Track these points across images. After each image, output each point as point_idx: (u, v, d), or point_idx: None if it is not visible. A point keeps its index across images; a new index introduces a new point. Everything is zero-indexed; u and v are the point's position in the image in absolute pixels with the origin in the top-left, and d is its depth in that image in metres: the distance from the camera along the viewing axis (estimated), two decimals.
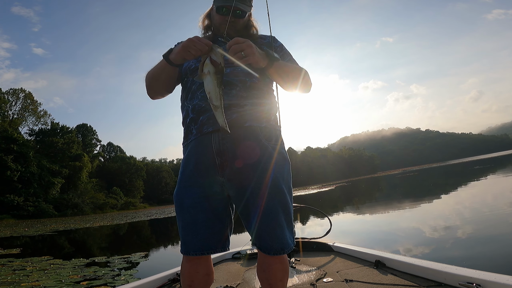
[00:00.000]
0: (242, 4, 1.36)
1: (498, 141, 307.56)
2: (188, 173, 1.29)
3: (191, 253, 1.28)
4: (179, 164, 1.48)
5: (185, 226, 1.29)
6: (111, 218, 28.27)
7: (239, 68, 1.31)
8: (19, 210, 40.53)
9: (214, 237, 1.28)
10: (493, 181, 14.41)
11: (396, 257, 2.31)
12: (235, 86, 1.31)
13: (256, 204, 1.24)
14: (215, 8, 1.39)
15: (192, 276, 1.32)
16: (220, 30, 1.39)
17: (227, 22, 1.34)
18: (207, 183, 1.27)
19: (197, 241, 1.27)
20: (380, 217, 8.40)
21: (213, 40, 1.33)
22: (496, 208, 6.89)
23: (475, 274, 1.67)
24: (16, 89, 55.93)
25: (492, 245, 4.09)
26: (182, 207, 1.29)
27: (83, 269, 5.22)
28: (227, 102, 1.25)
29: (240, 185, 1.26)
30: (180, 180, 1.31)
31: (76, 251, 8.39)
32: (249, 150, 1.26)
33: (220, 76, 1.11)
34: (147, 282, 2.31)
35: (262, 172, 1.25)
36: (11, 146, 43.35)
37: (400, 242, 5.12)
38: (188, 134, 1.34)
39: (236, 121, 1.26)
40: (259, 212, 1.24)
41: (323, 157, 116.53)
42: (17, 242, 12.00)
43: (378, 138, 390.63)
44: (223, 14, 1.37)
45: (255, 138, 1.28)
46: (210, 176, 1.27)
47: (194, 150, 1.30)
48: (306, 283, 2.24)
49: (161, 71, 1.33)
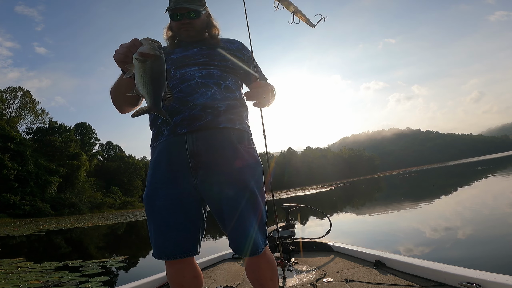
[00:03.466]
0: (191, 4, 1.38)
1: (499, 142, 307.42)
2: (160, 174, 1.27)
3: (163, 257, 1.26)
4: None
5: (157, 229, 1.26)
6: (106, 218, 27.92)
7: (214, 71, 1.35)
8: (15, 209, 40.14)
9: (187, 240, 1.26)
10: (493, 182, 14.43)
11: (396, 257, 2.31)
12: (210, 88, 1.32)
13: (229, 205, 1.24)
14: (169, 16, 1.43)
15: (180, 281, 1.29)
16: (182, 35, 1.44)
17: (184, 26, 1.40)
18: (179, 184, 1.26)
19: (169, 245, 1.24)
20: (380, 218, 8.36)
21: (181, 45, 1.43)
22: (496, 208, 6.88)
23: (475, 274, 1.67)
24: (14, 87, 55.60)
25: (492, 245, 4.06)
26: (153, 210, 1.27)
27: (50, 273, 4.84)
28: (202, 103, 1.27)
29: (213, 187, 1.25)
30: (151, 182, 1.29)
31: (54, 253, 8.03)
32: (223, 152, 1.26)
33: (147, 64, 1.08)
34: (146, 282, 2.32)
35: (235, 174, 1.25)
36: (8, 145, 42.99)
37: (400, 243, 5.06)
38: (159, 135, 1.31)
39: (211, 122, 1.27)
40: (232, 214, 1.23)
41: (323, 157, 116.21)
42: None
43: (378, 139, 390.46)
44: (178, 20, 1.41)
45: (228, 140, 1.28)
46: (183, 177, 1.26)
47: (166, 151, 1.28)
48: (306, 283, 2.23)
49: (119, 82, 1.30)
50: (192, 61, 1.37)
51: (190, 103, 1.27)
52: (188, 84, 1.30)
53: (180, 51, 1.41)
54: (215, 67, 1.37)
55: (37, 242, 11.91)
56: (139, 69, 1.09)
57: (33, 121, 57.18)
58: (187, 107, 1.27)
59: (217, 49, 1.42)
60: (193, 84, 1.30)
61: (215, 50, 1.42)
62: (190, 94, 1.29)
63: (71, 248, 9.41)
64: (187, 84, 1.30)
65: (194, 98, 1.28)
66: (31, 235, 14.50)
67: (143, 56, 1.08)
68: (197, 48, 1.41)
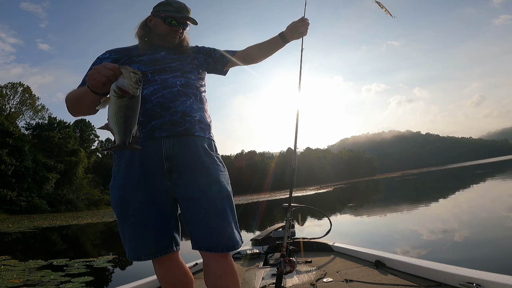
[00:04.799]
0: (189, 15, 1.49)
1: (498, 146, 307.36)
2: (134, 176, 1.29)
3: (143, 258, 1.30)
4: None
5: (134, 231, 1.28)
6: (102, 215, 27.76)
7: (192, 81, 1.45)
8: (12, 205, 39.97)
9: (164, 238, 1.31)
10: (492, 185, 14.41)
11: (396, 257, 2.31)
12: (189, 97, 1.40)
13: (207, 206, 1.28)
14: (163, 18, 1.46)
15: (171, 280, 1.34)
16: (165, 39, 1.49)
17: (174, 33, 1.47)
18: (154, 186, 1.29)
19: (148, 245, 1.28)
20: (378, 219, 8.34)
21: (152, 48, 1.48)
22: (495, 211, 6.88)
23: (475, 274, 1.67)
24: (15, 83, 55.42)
25: (492, 246, 4.06)
26: (128, 213, 1.28)
27: (32, 272, 4.68)
28: (182, 110, 1.34)
29: (188, 188, 1.30)
30: (124, 184, 1.29)
31: (43, 251, 7.87)
32: (198, 157, 1.33)
33: (123, 101, 1.07)
34: (147, 282, 2.34)
35: (211, 176, 1.32)
36: (7, 140, 42.80)
37: (398, 244, 5.05)
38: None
39: (188, 129, 1.34)
40: (210, 213, 1.28)
41: (323, 158, 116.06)
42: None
43: (378, 141, 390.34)
44: (172, 26, 1.47)
45: (202, 147, 1.36)
46: (157, 179, 1.29)
47: (140, 154, 1.28)
48: (306, 283, 2.24)
49: (85, 97, 1.24)
50: (166, 65, 1.43)
51: (172, 109, 1.33)
52: (170, 91, 1.36)
53: (150, 54, 1.46)
54: (190, 75, 1.46)
55: (28, 239, 11.74)
56: (114, 104, 1.08)
57: (33, 116, 57.05)
58: (168, 112, 1.32)
59: (184, 54, 1.52)
60: (175, 92, 1.37)
61: (182, 55, 1.51)
62: (172, 100, 1.34)
63: (61, 246, 9.24)
64: (170, 90, 1.36)
65: (175, 105, 1.34)
66: (24, 232, 14.34)
67: (122, 92, 1.06)
68: (165, 52, 1.48)
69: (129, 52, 1.47)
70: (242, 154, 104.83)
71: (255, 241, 3.61)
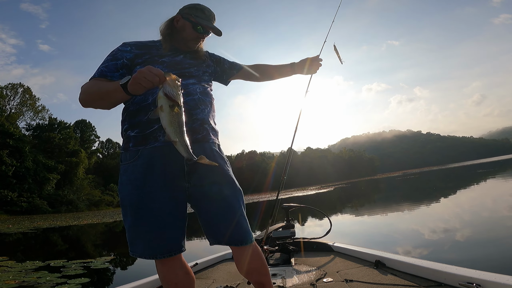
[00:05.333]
0: (218, 29, 1.53)
1: (499, 145, 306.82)
2: (156, 178, 1.33)
3: (158, 256, 1.32)
4: None
5: (151, 230, 1.31)
6: (102, 216, 27.72)
7: (207, 89, 1.52)
8: (12, 206, 39.96)
9: (180, 237, 1.37)
10: (493, 185, 14.40)
11: (396, 257, 2.31)
12: (207, 105, 1.48)
13: (225, 204, 1.39)
14: (193, 23, 1.49)
15: (174, 279, 1.37)
16: (188, 44, 1.52)
17: (199, 39, 1.52)
18: (174, 188, 1.35)
19: (164, 244, 1.32)
20: (379, 219, 8.34)
21: (172, 49, 1.50)
22: (496, 211, 6.87)
23: (475, 274, 1.67)
24: (15, 84, 55.50)
25: (492, 246, 4.06)
26: (146, 212, 1.31)
27: (29, 273, 4.64)
28: (201, 118, 1.43)
29: (207, 188, 1.38)
30: (143, 185, 1.32)
31: (41, 252, 7.82)
32: (214, 160, 1.38)
33: (174, 110, 1.12)
34: (147, 282, 2.34)
35: (226, 177, 1.44)
36: (7, 141, 42.80)
37: (399, 244, 5.04)
38: (150, 139, 1.35)
39: (205, 137, 1.44)
40: (229, 210, 1.39)
41: (323, 157, 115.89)
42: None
43: (378, 140, 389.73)
44: (197, 31, 1.50)
45: (216, 151, 1.47)
46: (177, 181, 1.35)
47: (161, 157, 1.34)
48: (306, 283, 2.24)
49: (114, 96, 1.27)
50: (185, 70, 1.47)
51: (193, 116, 1.40)
52: (192, 98, 1.42)
53: (170, 55, 1.49)
54: (206, 83, 1.54)
55: (28, 240, 11.70)
56: (168, 114, 1.11)
57: (33, 117, 57.12)
58: (191, 119, 1.38)
59: (199, 60, 1.56)
60: (196, 99, 1.43)
61: (197, 60, 1.55)
62: (194, 108, 1.41)
63: (60, 247, 9.19)
64: (192, 98, 1.42)
65: (196, 113, 1.41)
66: (23, 233, 14.31)
67: (170, 100, 1.10)
68: (183, 55, 1.51)
69: (150, 50, 1.47)
70: (242, 154, 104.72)
71: (255, 241, 3.61)
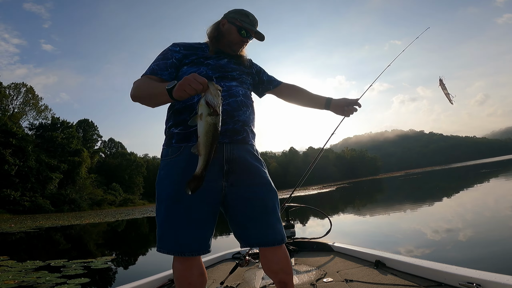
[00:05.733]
0: (261, 33, 1.59)
1: (502, 145, 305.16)
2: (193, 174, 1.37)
3: (187, 253, 1.32)
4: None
5: (183, 226, 1.32)
6: (105, 215, 27.81)
7: (249, 92, 1.58)
8: (15, 205, 40.15)
9: (208, 237, 1.37)
10: (496, 185, 14.31)
11: (396, 257, 2.31)
12: (248, 108, 1.51)
13: (261, 204, 1.43)
14: (238, 27, 1.55)
15: (188, 278, 1.36)
16: (232, 47, 1.57)
17: (243, 43, 1.58)
18: (211, 186, 1.35)
19: (194, 242, 1.32)
20: (381, 219, 8.31)
21: (217, 52, 1.56)
22: (498, 211, 6.82)
23: (475, 274, 1.66)
24: (18, 83, 55.66)
25: (492, 246, 4.06)
26: (181, 208, 1.33)
27: (28, 273, 4.63)
28: (243, 120, 1.47)
29: (244, 189, 1.42)
30: (181, 181, 1.31)
31: (42, 251, 7.83)
32: (252, 161, 1.48)
33: (212, 119, 1.14)
34: (147, 282, 2.33)
35: (263, 178, 1.48)
36: (10, 140, 42.95)
37: (401, 243, 5.03)
38: (192, 137, 1.38)
39: (245, 138, 1.48)
40: (264, 211, 1.43)
41: (325, 157, 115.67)
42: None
43: (381, 140, 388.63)
44: (242, 36, 1.56)
45: (254, 153, 1.51)
46: (215, 180, 1.37)
47: None
48: (306, 283, 2.23)
49: (160, 98, 1.34)
50: (228, 73, 1.51)
51: (235, 117, 1.44)
52: (235, 100, 1.45)
53: (215, 58, 1.53)
54: (248, 86, 1.59)
55: (29, 239, 11.73)
56: (206, 122, 1.13)
57: (36, 117, 57.27)
58: (232, 120, 1.42)
59: (241, 65, 1.61)
60: (239, 101, 1.46)
61: (240, 65, 1.60)
62: (236, 110, 1.45)
63: (62, 246, 9.21)
64: (234, 99, 1.46)
65: (238, 114, 1.45)
66: (25, 232, 14.33)
67: (210, 107, 1.12)
68: (226, 59, 1.55)
69: (196, 51, 1.53)
70: None
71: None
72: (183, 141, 1.40)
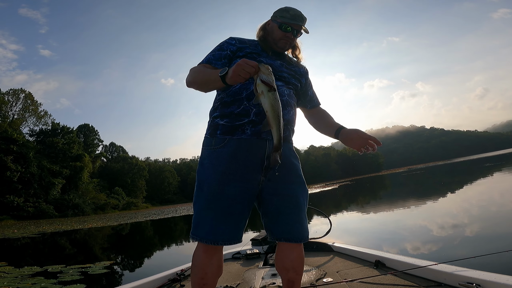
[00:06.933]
0: (304, 24, 1.59)
1: (504, 139, 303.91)
2: (237, 167, 1.41)
3: (220, 242, 1.38)
4: (183, 164, 2.64)
5: (220, 215, 1.37)
6: (108, 219, 27.77)
7: (292, 91, 1.61)
8: (19, 211, 40.16)
9: (241, 228, 1.43)
10: (500, 179, 14.21)
11: (396, 257, 2.32)
12: (292, 108, 1.57)
13: (294, 201, 1.48)
14: (279, 24, 1.58)
15: (206, 268, 1.39)
16: (278, 44, 1.60)
17: (287, 39, 1.59)
18: (251, 179, 1.42)
19: (228, 232, 1.38)
20: (385, 216, 8.24)
21: (267, 50, 1.61)
22: (502, 206, 6.69)
23: (475, 274, 1.67)
24: (16, 89, 55.70)
25: (493, 246, 4.03)
26: (220, 197, 1.37)
27: (24, 279, 4.56)
28: (287, 119, 1.50)
29: (280, 185, 1.47)
30: (224, 172, 1.39)
31: (41, 257, 7.74)
32: (291, 159, 1.54)
33: (273, 94, 1.24)
34: (147, 282, 2.33)
35: (299, 177, 1.55)
36: (11, 147, 43.01)
37: (405, 241, 4.97)
38: (237, 131, 1.44)
39: (287, 137, 1.54)
40: (297, 207, 1.49)
41: (327, 155, 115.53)
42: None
43: (382, 136, 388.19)
44: (285, 31, 1.58)
45: (294, 152, 1.59)
46: (255, 174, 1.43)
47: (246, 148, 1.42)
48: (306, 283, 2.24)
49: (213, 84, 1.44)
50: (277, 73, 1.53)
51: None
52: (281, 99, 1.43)
53: (268, 57, 1.58)
54: (294, 88, 1.62)
55: (31, 245, 11.67)
56: (268, 98, 1.22)
57: (36, 123, 57.31)
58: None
59: (294, 69, 1.65)
60: (284, 101, 1.49)
61: (291, 70, 1.63)
62: (282, 109, 1.43)
63: (63, 251, 9.14)
64: (281, 98, 1.43)
65: (283, 113, 1.44)
66: (28, 238, 14.28)
67: (268, 86, 1.21)
68: (280, 62, 1.60)
69: (250, 46, 1.60)
70: None
71: (255, 241, 3.59)
72: (228, 133, 1.45)
